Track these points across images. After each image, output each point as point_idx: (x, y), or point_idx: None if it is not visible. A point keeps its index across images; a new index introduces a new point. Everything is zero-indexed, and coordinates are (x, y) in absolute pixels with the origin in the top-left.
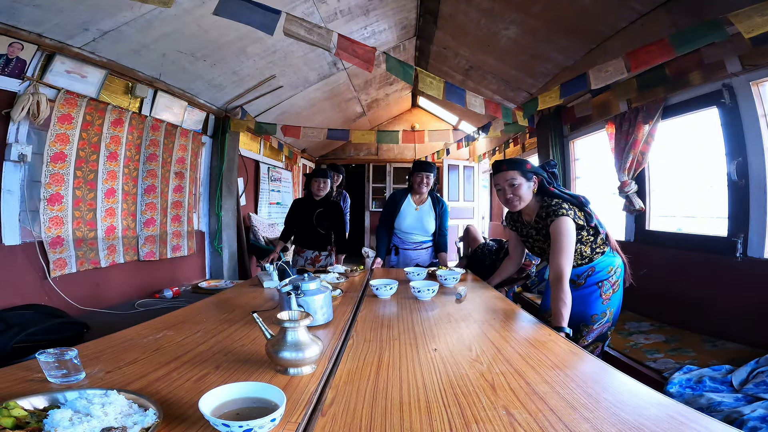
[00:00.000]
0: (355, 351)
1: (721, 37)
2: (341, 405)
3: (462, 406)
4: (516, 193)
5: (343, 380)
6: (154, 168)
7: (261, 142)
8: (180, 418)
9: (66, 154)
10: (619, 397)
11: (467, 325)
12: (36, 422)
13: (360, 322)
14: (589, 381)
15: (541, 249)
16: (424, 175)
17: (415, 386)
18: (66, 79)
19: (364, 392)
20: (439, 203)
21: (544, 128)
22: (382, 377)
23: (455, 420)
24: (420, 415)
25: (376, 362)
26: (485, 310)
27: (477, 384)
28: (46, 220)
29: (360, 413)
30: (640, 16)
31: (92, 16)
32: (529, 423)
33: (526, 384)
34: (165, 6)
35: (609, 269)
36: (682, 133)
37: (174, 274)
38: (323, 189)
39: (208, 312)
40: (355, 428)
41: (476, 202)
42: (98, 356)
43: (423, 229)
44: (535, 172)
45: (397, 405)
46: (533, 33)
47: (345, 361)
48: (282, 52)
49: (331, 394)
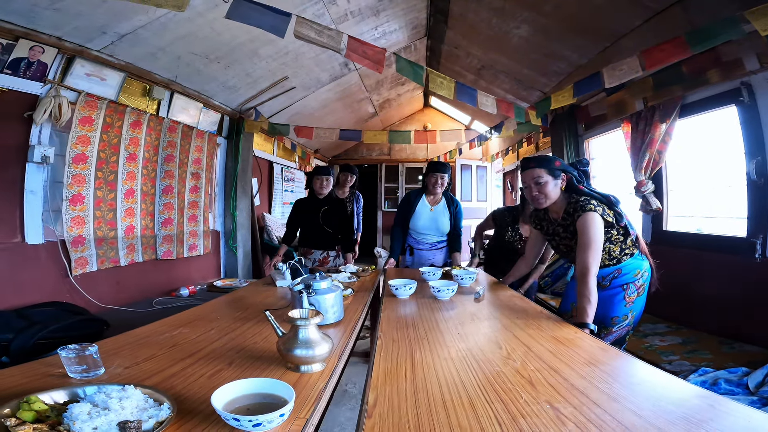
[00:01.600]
0: (385, 351)
1: (737, 34)
2: (384, 405)
3: (504, 401)
4: (542, 191)
5: (381, 381)
6: (172, 169)
7: (274, 143)
8: (193, 412)
9: (87, 156)
10: (659, 390)
11: (491, 323)
12: (56, 416)
13: (384, 322)
14: (624, 375)
15: (567, 247)
16: (438, 176)
17: (454, 384)
18: (86, 81)
19: (404, 391)
20: (454, 203)
21: (558, 127)
22: (418, 376)
23: (501, 415)
24: (465, 412)
25: (410, 362)
26: (506, 309)
27: (514, 380)
28: (68, 220)
29: (405, 413)
30: (655, 14)
31: (109, 20)
32: (576, 415)
33: (564, 379)
34: (178, 10)
35: (636, 272)
36: (700, 131)
37: (190, 272)
38: (326, 186)
39: (222, 310)
40: (403, 428)
41: (489, 201)
42: (117, 352)
43: (437, 229)
44: (564, 170)
45: (440, 403)
46: (545, 32)
47: (378, 362)
48: (294, 54)
49: (372, 394)
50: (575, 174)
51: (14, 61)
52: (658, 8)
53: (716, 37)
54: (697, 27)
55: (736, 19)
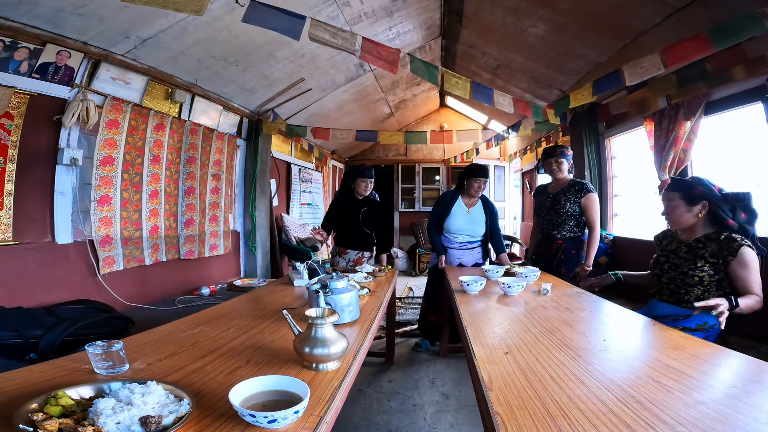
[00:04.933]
0: (476, 340)
1: (760, 30)
2: (499, 381)
3: (611, 377)
4: (670, 214)
5: (485, 361)
6: (193, 170)
7: (292, 144)
8: (212, 408)
9: (114, 158)
10: None
11: (560, 312)
12: (81, 411)
13: (465, 314)
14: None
15: (676, 269)
16: (482, 181)
17: (554, 363)
18: (112, 85)
19: (512, 371)
20: (490, 206)
21: (577, 126)
22: (518, 358)
23: (610, 386)
24: (575, 385)
25: (504, 346)
26: (569, 299)
27: (606, 357)
28: (96, 220)
29: (521, 386)
30: (676, 10)
31: (132, 24)
32: (677, 386)
33: (654, 360)
34: (197, 14)
35: (703, 324)
36: (727, 129)
37: (211, 272)
38: (369, 188)
39: (241, 309)
40: (525, 397)
41: (507, 202)
42: (141, 349)
43: (473, 230)
44: (708, 199)
45: (549, 378)
46: (562, 30)
47: (477, 348)
48: (310, 56)
49: (484, 372)
50: (721, 207)
51: (42, 65)
52: (679, 5)
53: (739, 33)
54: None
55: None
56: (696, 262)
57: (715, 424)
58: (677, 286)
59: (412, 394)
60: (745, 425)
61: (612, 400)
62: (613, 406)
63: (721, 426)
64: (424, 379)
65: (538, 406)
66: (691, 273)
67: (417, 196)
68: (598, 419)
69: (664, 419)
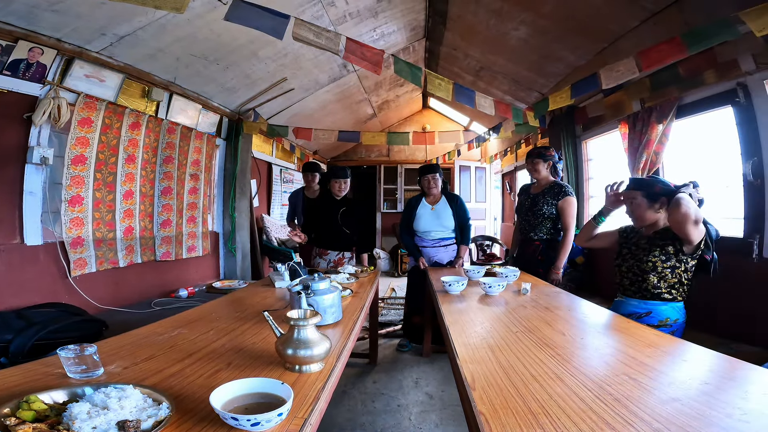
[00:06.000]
0: (459, 339)
1: (732, 35)
2: (482, 380)
3: (587, 374)
4: (635, 212)
5: (468, 361)
6: (170, 170)
7: (273, 144)
8: (192, 412)
9: (86, 157)
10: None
11: (539, 312)
12: (55, 416)
13: (447, 314)
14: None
15: (634, 257)
16: (430, 177)
17: (536, 362)
18: (85, 83)
19: (494, 370)
20: (455, 199)
21: (556, 128)
22: (500, 358)
23: (588, 384)
24: (556, 384)
25: (487, 346)
26: (548, 299)
27: (584, 355)
28: (67, 221)
29: (503, 385)
30: (652, 14)
31: (109, 21)
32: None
33: (624, 355)
34: (178, 11)
35: (665, 320)
36: (697, 132)
37: (189, 274)
38: (344, 189)
39: (221, 311)
40: (507, 396)
41: (488, 203)
42: (116, 353)
43: (441, 225)
44: (668, 195)
45: (531, 377)
46: (543, 33)
47: (459, 348)
48: (293, 55)
49: (467, 372)
50: None
51: (14, 62)
52: (655, 9)
53: (712, 37)
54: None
55: (731, 20)
56: (652, 250)
57: (691, 420)
58: (635, 274)
59: (397, 394)
60: (719, 422)
61: (591, 398)
62: (592, 404)
63: (697, 423)
64: (408, 379)
65: (520, 404)
66: (645, 259)
67: (399, 197)
68: (578, 417)
69: (641, 416)
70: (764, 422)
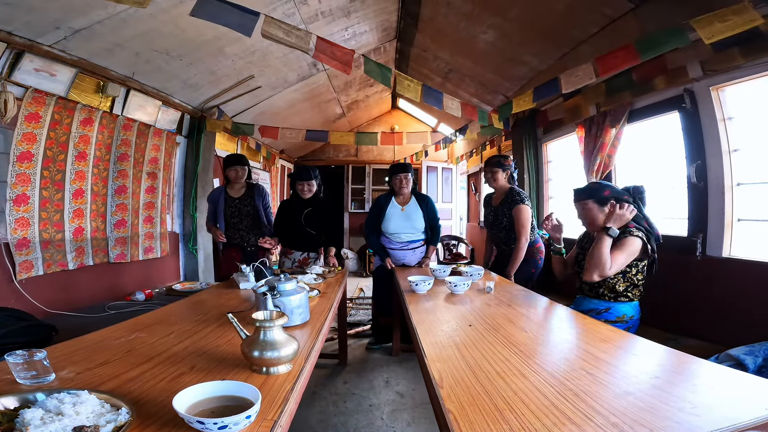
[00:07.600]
0: (426, 339)
1: (683, 42)
2: (449, 378)
3: (549, 371)
4: (587, 218)
5: (435, 359)
6: (126, 168)
7: (238, 143)
8: (154, 416)
9: (33, 154)
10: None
11: (504, 309)
12: (7, 422)
13: (414, 313)
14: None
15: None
16: (402, 176)
17: (501, 360)
18: (35, 77)
19: (461, 368)
20: (424, 199)
21: (519, 131)
22: (466, 356)
23: (550, 380)
24: (519, 380)
25: (453, 345)
26: (511, 296)
27: (546, 351)
28: (12, 222)
29: (469, 382)
30: (611, 21)
31: (64, 15)
32: (603, 373)
33: (581, 350)
34: (140, 6)
35: (622, 316)
36: (647, 136)
37: (147, 276)
38: (309, 191)
39: (182, 314)
40: (474, 393)
41: (455, 203)
42: (68, 358)
43: (411, 227)
44: (616, 197)
45: (496, 374)
46: (510, 37)
47: (426, 347)
48: (261, 53)
49: (434, 371)
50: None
51: None
52: (613, 16)
53: (664, 44)
54: (647, 35)
55: (682, 27)
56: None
57: (644, 414)
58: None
59: (368, 394)
60: (672, 415)
61: (553, 393)
62: (554, 399)
63: (650, 416)
64: (378, 379)
65: (486, 401)
66: None
67: (367, 197)
68: (541, 412)
69: (599, 410)
70: (713, 416)
